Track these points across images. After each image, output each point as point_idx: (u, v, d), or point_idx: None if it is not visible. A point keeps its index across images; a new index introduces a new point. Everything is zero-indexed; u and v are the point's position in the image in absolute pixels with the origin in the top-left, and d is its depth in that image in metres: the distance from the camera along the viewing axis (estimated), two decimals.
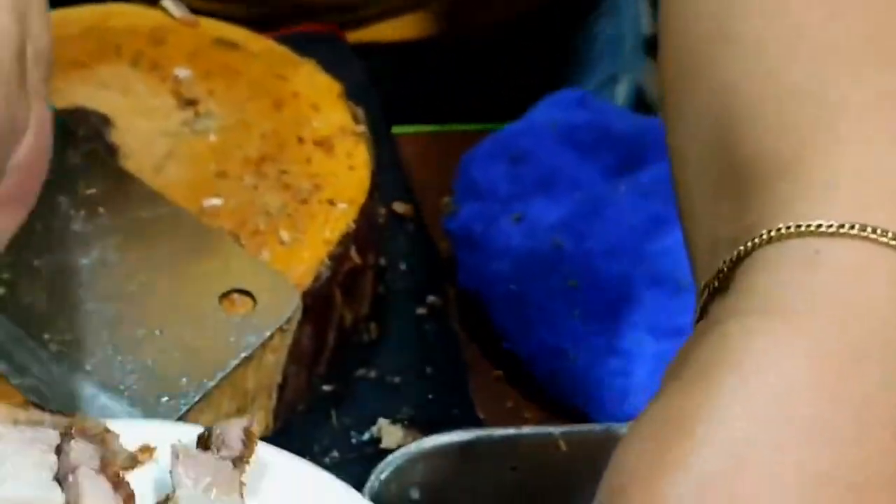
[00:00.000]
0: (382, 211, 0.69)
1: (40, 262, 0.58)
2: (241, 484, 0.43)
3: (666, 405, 0.36)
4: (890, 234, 0.35)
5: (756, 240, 0.37)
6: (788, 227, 0.36)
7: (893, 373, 0.34)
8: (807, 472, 0.33)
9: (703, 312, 0.40)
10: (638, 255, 0.64)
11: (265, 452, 0.45)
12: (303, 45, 0.76)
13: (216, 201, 0.62)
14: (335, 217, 0.61)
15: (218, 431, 0.44)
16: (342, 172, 0.64)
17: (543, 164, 0.70)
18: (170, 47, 0.72)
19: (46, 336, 0.54)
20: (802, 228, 0.36)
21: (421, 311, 0.67)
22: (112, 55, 0.72)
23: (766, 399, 0.34)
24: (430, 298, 0.68)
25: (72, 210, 0.60)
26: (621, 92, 1.01)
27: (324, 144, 0.66)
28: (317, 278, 0.59)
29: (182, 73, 0.70)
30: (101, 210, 0.60)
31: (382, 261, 0.69)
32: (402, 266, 0.70)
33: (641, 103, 1.16)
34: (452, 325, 0.67)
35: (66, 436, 0.42)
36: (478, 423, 0.62)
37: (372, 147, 0.66)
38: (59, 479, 0.41)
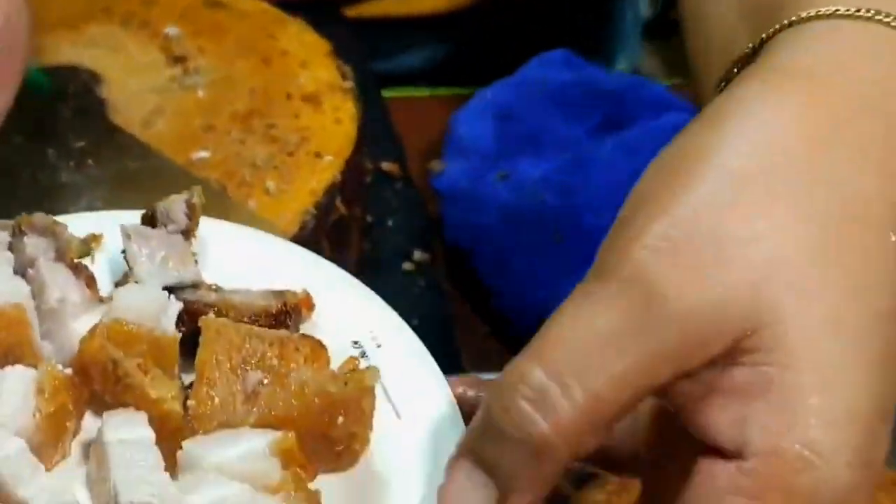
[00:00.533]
0: (370, 167, 0.70)
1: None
2: (193, 254, 0.44)
3: (676, 146, 0.38)
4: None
5: (779, 25, 0.40)
6: (809, 13, 0.40)
7: (887, 129, 0.37)
8: (799, 210, 0.35)
9: None
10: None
11: (209, 225, 0.46)
12: (294, 8, 0.76)
13: (204, 154, 0.62)
14: (321, 168, 0.62)
15: (162, 207, 0.45)
16: (329, 126, 0.64)
17: (530, 122, 0.70)
18: (160, 7, 0.73)
19: None
20: (822, 12, 0.40)
21: (408, 266, 0.68)
22: (102, 15, 0.72)
23: (765, 140, 0.37)
24: (417, 255, 0.68)
25: (61, 162, 0.60)
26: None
27: (311, 100, 0.66)
28: (303, 227, 0.59)
29: (172, 31, 0.70)
30: (89, 161, 0.61)
31: (370, 218, 0.69)
32: (390, 223, 0.70)
33: None
34: (439, 280, 0.68)
35: (17, 234, 0.43)
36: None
37: (359, 103, 0.66)
38: (21, 273, 0.43)
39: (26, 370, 0.41)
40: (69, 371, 0.42)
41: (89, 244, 0.45)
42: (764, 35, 0.41)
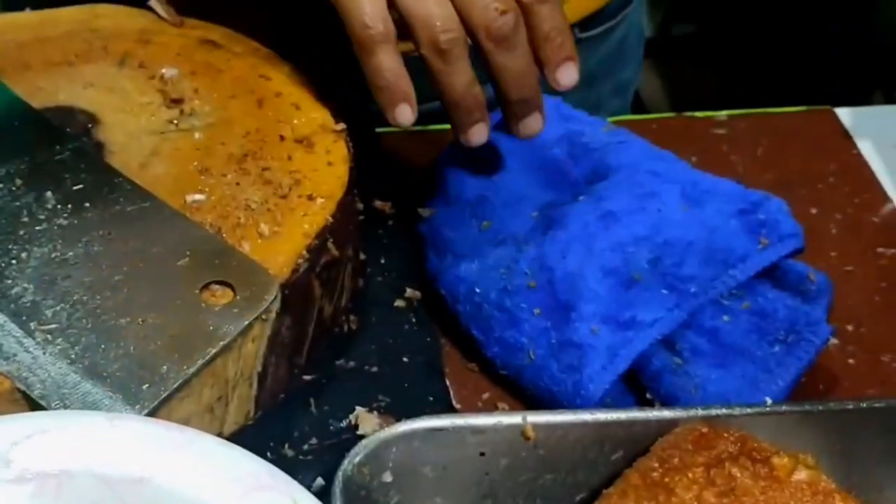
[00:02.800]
0: (362, 206, 0.71)
1: (27, 253, 0.59)
2: None
3: None
4: None
5: None
6: None
7: None
8: None
9: None
10: (590, 251, 0.65)
11: None
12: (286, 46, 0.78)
13: (199, 197, 0.63)
14: (314, 211, 0.63)
15: None
16: (322, 168, 0.66)
17: (512, 181, 0.72)
18: (157, 47, 0.74)
19: (32, 325, 0.56)
20: None
21: (399, 303, 0.69)
22: (99, 55, 0.74)
23: None
24: (409, 291, 0.70)
25: (59, 205, 0.62)
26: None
27: (304, 142, 0.67)
28: (295, 270, 0.60)
29: (168, 72, 0.72)
30: (86, 205, 0.62)
31: (362, 255, 0.70)
32: (382, 260, 0.72)
33: (639, 105, 1.17)
34: (429, 317, 0.69)
35: None
36: (452, 412, 0.64)
37: (351, 144, 0.68)
38: None
39: None
40: None
41: None
42: None
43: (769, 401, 0.60)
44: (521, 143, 0.70)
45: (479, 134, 0.66)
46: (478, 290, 0.66)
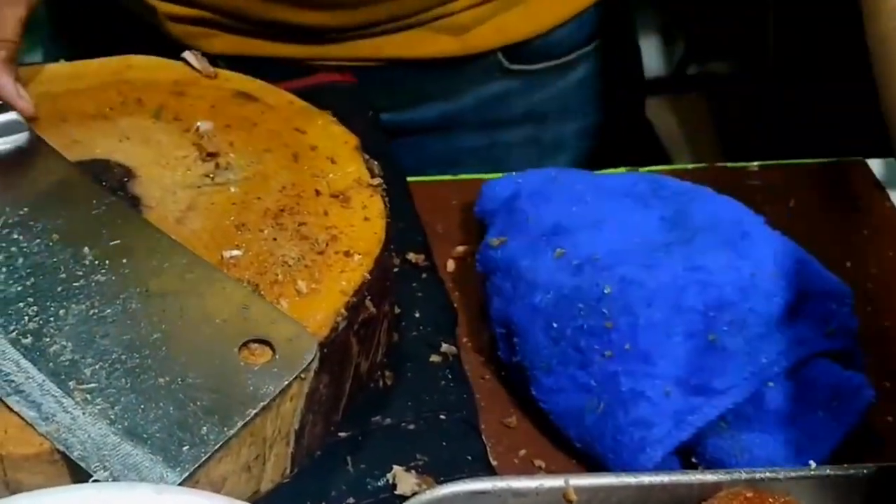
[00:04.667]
0: (396, 260, 0.71)
1: (65, 310, 0.59)
2: None
3: None
4: None
5: None
6: None
7: None
8: None
9: None
10: (677, 308, 0.65)
11: None
12: (319, 96, 0.78)
13: (236, 252, 0.63)
14: (351, 268, 0.63)
15: None
16: (358, 224, 0.66)
17: (591, 208, 0.72)
18: (191, 100, 0.75)
19: (71, 384, 0.56)
20: None
21: (435, 358, 0.68)
22: (134, 107, 0.74)
23: None
24: (444, 346, 0.69)
25: (96, 260, 0.62)
26: None
27: (340, 197, 0.67)
28: (334, 328, 0.60)
29: (203, 125, 0.72)
30: (124, 261, 0.62)
31: (396, 308, 0.70)
32: (416, 314, 0.71)
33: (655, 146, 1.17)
34: (465, 372, 0.69)
35: None
36: (490, 470, 0.63)
37: (387, 199, 0.68)
38: None
39: None
40: None
41: None
42: None
43: (813, 464, 0.59)
44: (602, 178, 0.70)
45: None
46: (555, 325, 0.66)
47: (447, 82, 0.92)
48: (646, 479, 0.56)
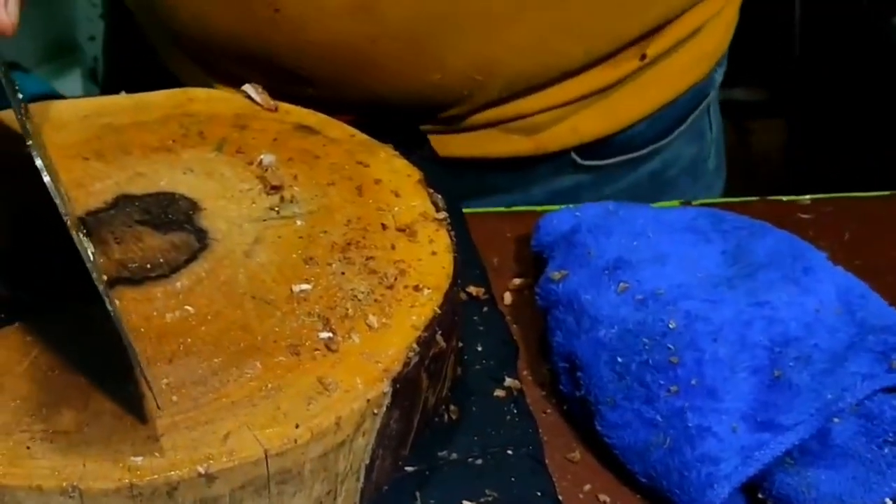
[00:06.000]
0: (462, 295, 0.71)
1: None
2: None
3: None
4: None
5: None
6: None
7: None
8: None
9: None
10: (742, 343, 0.65)
11: None
12: (375, 130, 0.78)
13: (306, 287, 0.63)
14: (421, 303, 0.63)
15: None
16: (426, 258, 0.66)
17: (653, 241, 0.72)
18: (253, 133, 0.75)
19: None
20: None
21: (499, 392, 0.68)
22: (196, 140, 0.74)
23: None
24: (508, 381, 0.69)
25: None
26: None
27: (406, 230, 0.67)
28: (406, 363, 0.60)
29: (266, 158, 0.72)
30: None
31: (460, 342, 0.70)
32: (479, 347, 0.71)
33: None
34: (528, 407, 0.69)
35: None
36: None
37: (452, 233, 0.68)
38: None
39: None
40: None
41: None
42: None
43: (889, 501, 0.59)
44: (661, 212, 0.71)
45: None
46: (619, 360, 0.66)
47: (517, 178, 0.91)
48: None
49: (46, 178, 0.57)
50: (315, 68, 0.80)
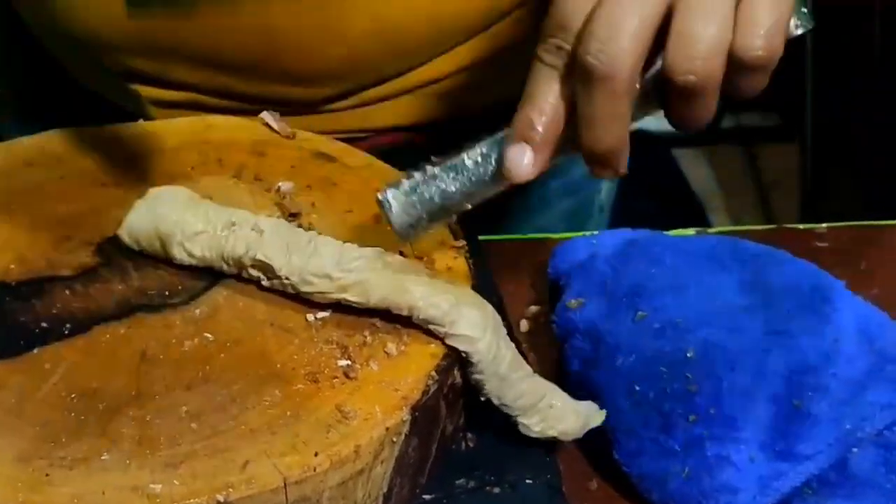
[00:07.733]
0: None
1: None
2: None
3: None
4: None
5: None
6: None
7: None
8: None
9: None
10: (761, 372, 0.65)
11: None
12: (392, 157, 0.78)
13: (323, 314, 0.63)
14: None
15: None
16: None
17: (669, 269, 0.72)
18: (271, 160, 0.75)
19: None
20: None
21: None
22: (215, 167, 0.75)
23: None
24: None
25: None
26: None
27: (424, 259, 0.68)
28: (425, 391, 0.60)
29: (285, 185, 0.72)
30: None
31: None
32: None
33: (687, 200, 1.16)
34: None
35: None
36: None
37: (471, 261, 0.68)
38: None
39: None
40: None
41: None
42: None
43: None
44: (678, 240, 0.71)
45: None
46: (637, 388, 0.66)
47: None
48: None
49: None
50: (232, 55, 0.81)
